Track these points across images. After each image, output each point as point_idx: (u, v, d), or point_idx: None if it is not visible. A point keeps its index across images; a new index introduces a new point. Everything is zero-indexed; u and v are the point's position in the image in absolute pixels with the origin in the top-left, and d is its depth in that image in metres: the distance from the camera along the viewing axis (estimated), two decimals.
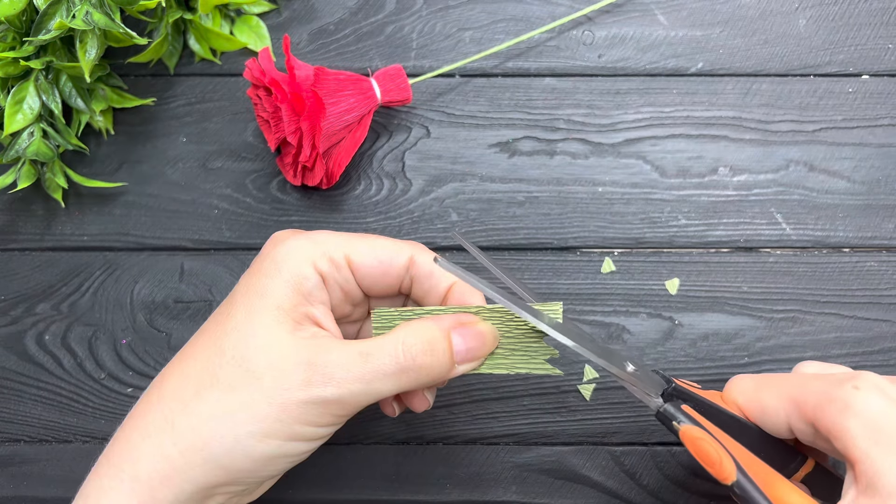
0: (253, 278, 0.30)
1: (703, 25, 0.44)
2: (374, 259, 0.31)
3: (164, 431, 0.29)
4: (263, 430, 0.28)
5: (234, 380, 0.28)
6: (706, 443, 0.29)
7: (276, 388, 0.28)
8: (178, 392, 0.29)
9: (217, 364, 0.29)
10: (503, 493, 0.41)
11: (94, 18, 0.38)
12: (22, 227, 0.44)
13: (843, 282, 0.42)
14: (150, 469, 0.28)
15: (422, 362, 0.29)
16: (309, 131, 0.39)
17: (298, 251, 0.30)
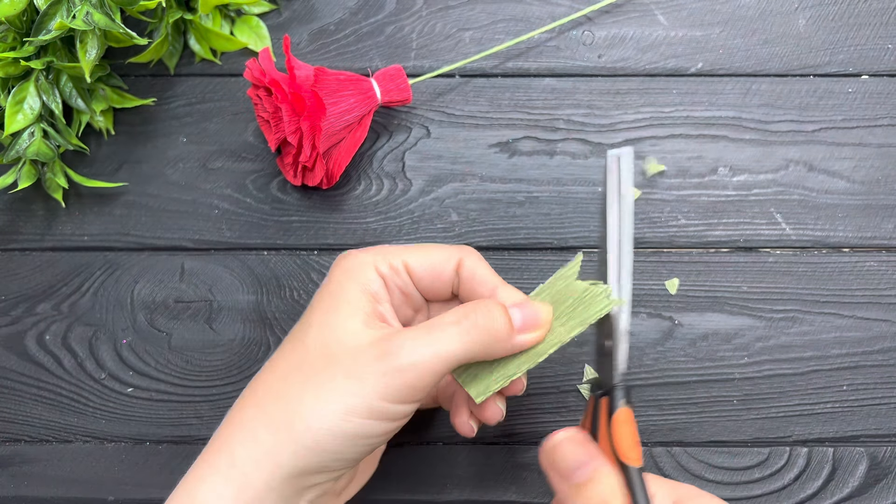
0: (328, 286, 0.33)
1: (702, 25, 0.45)
2: (427, 263, 0.34)
3: (256, 419, 0.31)
4: (346, 407, 0.30)
5: (317, 365, 0.31)
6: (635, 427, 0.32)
7: (354, 365, 0.30)
8: (268, 384, 0.32)
9: (301, 355, 0.31)
10: (503, 493, 0.41)
11: (94, 19, 0.38)
12: (22, 227, 0.44)
13: (842, 282, 0.42)
14: (244, 454, 0.30)
15: (483, 322, 0.31)
16: (309, 131, 0.39)
17: (363, 259, 0.33)
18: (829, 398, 0.42)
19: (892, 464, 0.41)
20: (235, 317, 0.43)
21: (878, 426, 0.41)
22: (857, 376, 0.42)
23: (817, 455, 0.41)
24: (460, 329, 0.31)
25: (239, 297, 0.43)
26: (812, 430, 0.42)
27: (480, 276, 0.34)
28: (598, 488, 0.30)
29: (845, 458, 0.41)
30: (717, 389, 0.42)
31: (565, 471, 0.31)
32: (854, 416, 0.42)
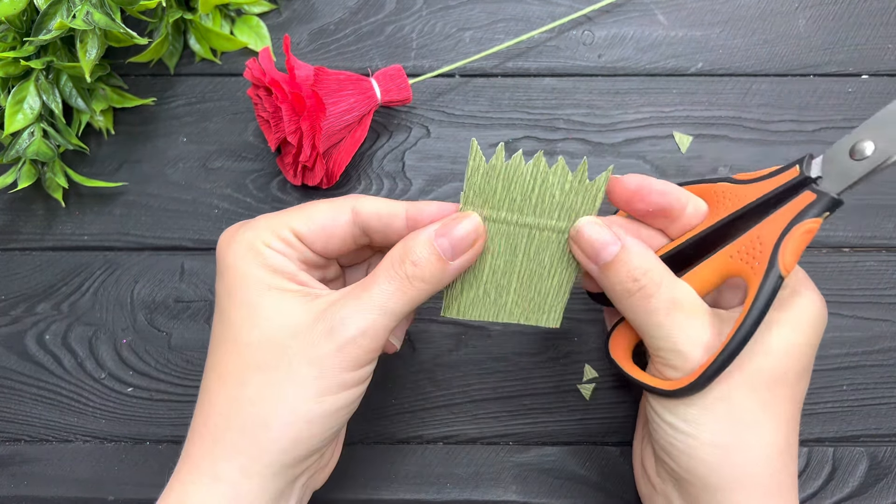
0: (231, 278, 0.31)
1: (702, 25, 0.45)
2: (316, 224, 0.32)
3: (229, 430, 0.30)
4: (314, 391, 0.30)
5: (267, 359, 0.30)
6: None
7: (306, 350, 0.30)
8: (228, 392, 0.31)
9: (247, 353, 0.30)
10: (503, 493, 0.41)
11: (94, 18, 0.38)
12: (22, 227, 0.44)
13: (842, 281, 0.42)
14: (227, 467, 0.30)
15: (413, 271, 0.30)
16: (309, 131, 0.39)
17: (250, 240, 0.32)
18: (829, 398, 0.42)
19: (892, 463, 0.41)
20: None
21: (878, 426, 0.41)
22: (857, 376, 0.42)
23: (817, 455, 0.41)
24: (395, 284, 0.30)
25: None
26: (812, 430, 0.42)
27: (386, 213, 0.32)
28: (623, 267, 0.31)
29: (845, 457, 0.41)
30: None
31: (592, 253, 0.32)
32: (854, 415, 0.42)
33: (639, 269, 0.31)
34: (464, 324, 0.42)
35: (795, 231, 0.30)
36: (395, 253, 0.31)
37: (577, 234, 0.32)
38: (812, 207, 0.30)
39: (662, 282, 0.31)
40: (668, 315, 0.31)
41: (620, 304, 0.32)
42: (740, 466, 0.30)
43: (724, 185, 0.33)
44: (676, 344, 0.31)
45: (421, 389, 0.42)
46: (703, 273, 0.33)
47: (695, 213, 0.33)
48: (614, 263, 0.31)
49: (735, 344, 0.29)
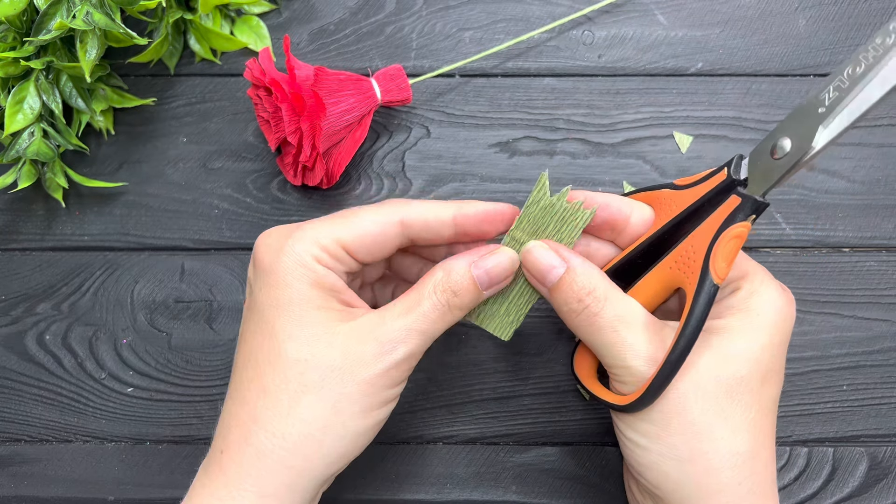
0: (280, 290, 0.32)
1: (702, 25, 0.45)
2: (364, 238, 0.33)
3: (277, 447, 0.30)
4: (362, 407, 0.31)
5: (317, 379, 0.31)
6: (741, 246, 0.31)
7: (357, 371, 0.31)
8: (272, 409, 0.31)
9: (295, 372, 0.31)
10: (503, 493, 0.41)
11: (94, 18, 0.38)
12: (22, 227, 0.44)
13: (842, 281, 0.42)
14: (276, 482, 0.30)
15: (455, 303, 0.32)
16: (309, 131, 0.39)
17: (302, 254, 0.32)
18: (829, 398, 0.42)
19: (892, 464, 0.41)
20: (235, 317, 0.43)
21: (878, 426, 0.41)
22: (857, 376, 0.42)
23: (817, 455, 0.41)
24: (437, 311, 0.32)
25: (239, 297, 0.43)
26: (812, 430, 0.42)
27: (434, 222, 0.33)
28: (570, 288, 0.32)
29: (845, 458, 0.41)
30: None
31: (539, 275, 0.33)
32: (854, 416, 0.42)
33: (583, 290, 0.32)
34: (464, 324, 0.42)
35: (724, 237, 0.30)
36: (438, 281, 0.32)
37: (524, 257, 0.33)
38: (738, 212, 0.30)
39: (607, 300, 0.32)
40: (613, 332, 0.31)
41: (569, 324, 0.33)
42: (703, 478, 0.31)
43: (665, 191, 0.34)
44: (625, 360, 0.31)
45: (421, 389, 0.42)
46: (649, 285, 0.34)
47: (640, 221, 0.34)
48: (560, 285, 0.32)
49: (675, 356, 0.30)
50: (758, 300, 0.32)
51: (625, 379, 0.32)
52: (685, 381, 0.30)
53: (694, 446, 0.30)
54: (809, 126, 0.28)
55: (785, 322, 0.32)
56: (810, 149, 0.28)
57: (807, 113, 0.28)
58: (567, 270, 0.32)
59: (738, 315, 0.32)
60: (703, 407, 0.30)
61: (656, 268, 0.33)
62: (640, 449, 0.32)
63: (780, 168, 0.29)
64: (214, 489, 0.31)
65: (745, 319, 0.31)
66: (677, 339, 0.30)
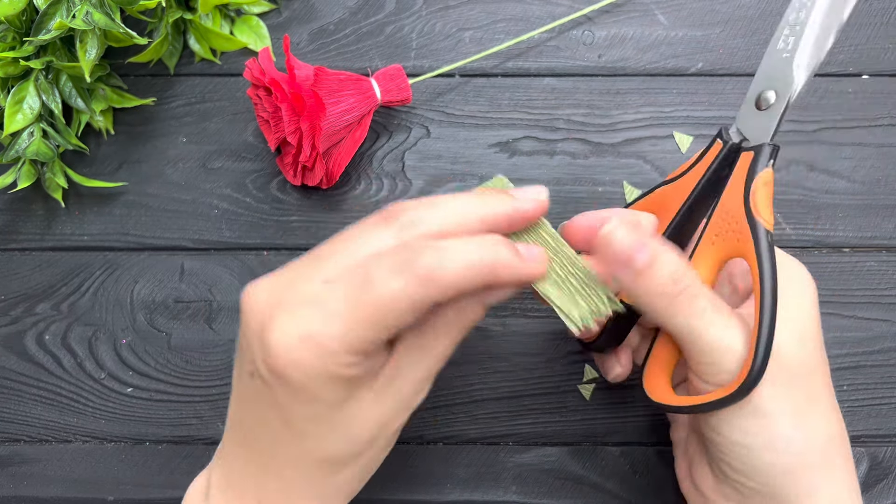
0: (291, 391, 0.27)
1: (703, 25, 0.44)
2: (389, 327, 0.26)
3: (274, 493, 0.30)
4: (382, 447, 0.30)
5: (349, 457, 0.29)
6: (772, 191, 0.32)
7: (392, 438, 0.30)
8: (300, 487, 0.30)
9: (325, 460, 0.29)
10: (503, 493, 0.41)
11: (94, 18, 0.38)
12: (22, 227, 0.44)
13: (842, 282, 0.42)
14: None
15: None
16: (309, 131, 0.39)
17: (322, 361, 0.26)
18: None
19: (892, 464, 0.41)
20: (235, 317, 0.43)
21: (878, 426, 0.41)
22: (857, 376, 0.42)
23: None
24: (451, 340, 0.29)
25: (239, 297, 0.43)
26: None
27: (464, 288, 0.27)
28: (663, 270, 0.29)
29: None
30: None
31: (624, 258, 0.29)
32: (854, 416, 0.41)
33: (679, 270, 0.29)
34: None
35: (755, 187, 0.30)
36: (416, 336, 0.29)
37: (605, 241, 0.30)
38: (757, 162, 0.31)
39: (699, 282, 0.30)
40: (715, 313, 0.29)
41: (660, 310, 0.29)
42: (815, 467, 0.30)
43: (662, 189, 0.34)
44: (730, 342, 0.29)
45: None
46: (702, 264, 0.33)
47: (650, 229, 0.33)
48: (651, 267, 0.29)
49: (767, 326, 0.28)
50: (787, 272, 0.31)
51: (721, 367, 0.29)
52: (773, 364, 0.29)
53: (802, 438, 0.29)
54: (783, 70, 0.30)
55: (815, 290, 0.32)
56: (793, 88, 0.30)
57: (773, 64, 0.31)
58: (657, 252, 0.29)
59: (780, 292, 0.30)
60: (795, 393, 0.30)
61: (698, 250, 0.32)
62: (745, 449, 0.30)
63: (774, 114, 0.31)
64: None
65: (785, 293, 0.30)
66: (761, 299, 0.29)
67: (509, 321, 0.42)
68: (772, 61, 0.31)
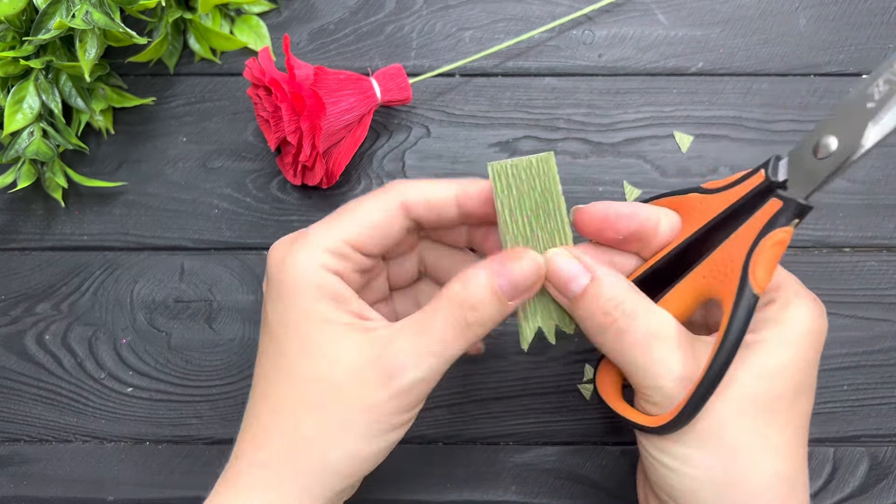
0: (288, 306, 0.30)
1: (703, 25, 0.44)
2: (368, 229, 0.31)
3: (280, 463, 0.30)
4: (365, 433, 0.29)
5: (323, 398, 0.29)
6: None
7: (362, 395, 0.29)
8: (280, 425, 0.30)
9: (301, 389, 0.30)
10: (503, 493, 0.41)
11: (93, 18, 0.38)
12: (22, 227, 0.44)
13: (843, 281, 0.42)
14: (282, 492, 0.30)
15: (474, 319, 0.29)
16: (309, 131, 0.39)
17: (308, 263, 0.30)
18: (829, 398, 0.42)
19: (892, 464, 0.41)
20: (235, 316, 0.43)
21: (878, 426, 0.41)
22: (857, 376, 0.42)
23: (818, 455, 0.41)
24: (453, 330, 0.29)
25: (239, 297, 0.43)
26: (812, 430, 0.41)
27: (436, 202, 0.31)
28: (596, 301, 0.29)
29: (846, 458, 0.41)
30: None
31: (561, 286, 0.30)
32: (855, 416, 0.42)
33: (611, 302, 0.29)
34: None
35: (765, 244, 0.28)
36: (454, 295, 0.29)
37: (548, 265, 0.31)
38: (780, 216, 0.27)
39: (636, 314, 0.29)
40: (645, 349, 0.29)
41: (595, 340, 0.31)
42: (742, 502, 0.29)
43: (693, 195, 0.32)
44: (657, 379, 0.29)
45: None
46: (680, 296, 0.31)
47: (669, 229, 0.32)
48: (585, 297, 0.30)
49: (713, 374, 0.27)
50: (791, 312, 0.30)
51: (655, 400, 0.29)
52: (723, 400, 0.28)
53: (732, 469, 0.29)
54: (858, 123, 0.26)
55: (818, 335, 0.30)
56: (860, 147, 0.26)
57: (853, 109, 0.26)
58: (592, 281, 0.30)
59: (772, 328, 0.30)
60: (741, 427, 0.29)
61: (688, 277, 0.31)
62: (671, 472, 0.30)
63: (826, 168, 0.27)
64: (227, 493, 0.31)
65: (779, 333, 0.29)
66: (715, 356, 0.27)
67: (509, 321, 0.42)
68: (851, 104, 0.26)
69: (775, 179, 0.28)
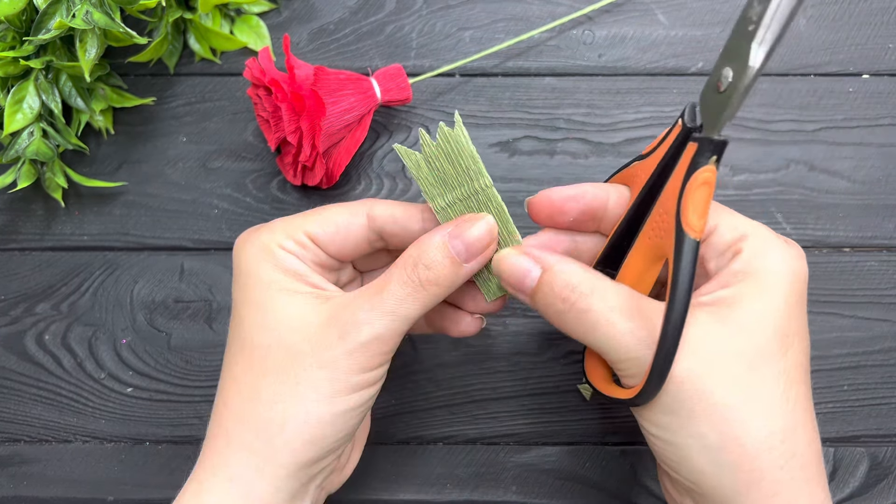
0: (246, 280, 0.32)
1: (703, 25, 0.44)
2: (330, 228, 0.32)
3: (243, 430, 0.30)
4: (326, 393, 0.30)
5: (279, 363, 0.30)
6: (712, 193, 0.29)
7: (318, 353, 0.30)
8: (240, 393, 0.31)
9: (259, 356, 0.31)
10: (503, 493, 0.41)
11: (93, 18, 0.38)
12: (22, 227, 0.44)
13: (843, 282, 0.42)
14: (241, 468, 0.30)
15: (429, 279, 0.30)
16: (309, 131, 0.39)
17: (265, 242, 0.32)
18: (829, 398, 0.42)
19: (892, 464, 0.41)
20: None
21: (878, 426, 0.41)
22: (857, 376, 0.42)
23: None
24: (408, 288, 0.30)
25: None
26: None
27: (402, 216, 0.32)
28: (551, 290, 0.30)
29: (846, 458, 0.41)
30: None
31: (517, 283, 0.31)
32: (855, 416, 0.42)
33: (566, 287, 0.29)
34: None
35: (690, 187, 0.28)
36: (408, 256, 0.31)
37: (497, 269, 0.32)
38: (699, 157, 0.28)
39: (593, 293, 0.29)
40: (608, 324, 0.29)
41: (560, 327, 0.30)
42: (740, 466, 0.27)
43: (635, 164, 0.32)
44: (627, 352, 0.29)
45: (421, 389, 0.42)
46: (634, 264, 0.31)
47: (619, 203, 0.32)
48: (540, 288, 0.30)
49: (671, 330, 0.27)
50: (763, 261, 0.29)
51: (632, 372, 0.29)
52: (698, 360, 0.27)
53: (723, 432, 0.27)
54: (743, 47, 0.26)
55: (797, 278, 0.29)
56: (749, 69, 0.26)
57: (739, 35, 0.26)
58: (544, 272, 0.30)
59: (746, 281, 0.29)
60: (724, 387, 0.27)
61: (636, 243, 0.31)
62: (666, 444, 0.29)
63: (728, 99, 0.27)
64: (197, 475, 0.31)
65: (753, 284, 0.29)
66: (668, 312, 0.27)
67: (509, 321, 0.42)
68: (738, 31, 0.26)
69: (692, 125, 0.29)
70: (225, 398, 0.31)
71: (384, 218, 0.33)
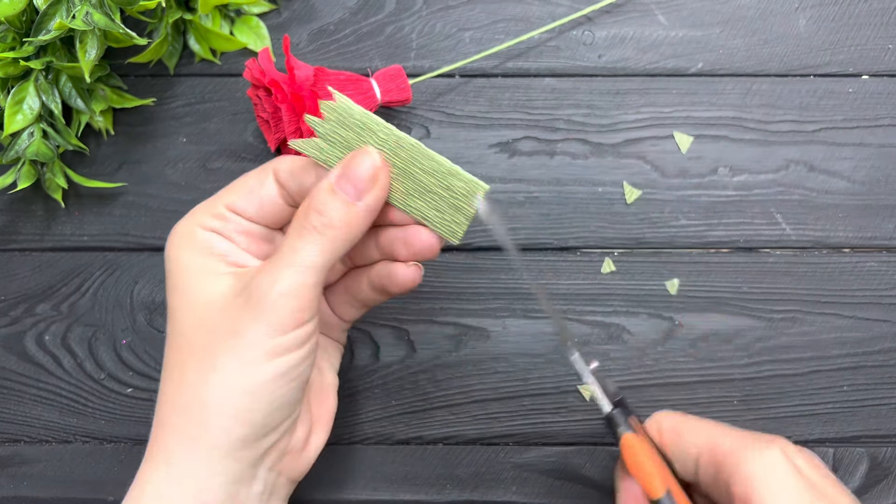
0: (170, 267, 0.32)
1: (703, 25, 0.44)
2: (244, 192, 0.33)
3: (174, 415, 0.30)
4: (243, 363, 0.29)
5: (200, 341, 0.30)
6: (644, 455, 0.32)
7: (230, 325, 0.30)
8: (171, 380, 0.31)
9: (183, 341, 0.31)
10: (503, 493, 0.41)
11: (94, 19, 0.38)
12: (22, 228, 0.44)
13: (843, 282, 0.42)
14: (178, 450, 0.30)
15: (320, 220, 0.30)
16: (309, 132, 0.39)
17: (186, 227, 0.32)
18: (829, 399, 0.42)
19: (892, 464, 0.41)
20: None
21: (878, 427, 0.41)
22: (857, 377, 0.42)
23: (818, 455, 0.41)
24: (305, 237, 0.30)
25: None
26: (812, 431, 0.42)
27: (299, 169, 0.32)
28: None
29: (846, 458, 0.41)
30: (718, 390, 0.42)
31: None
32: (854, 416, 0.42)
33: None
34: (464, 324, 0.42)
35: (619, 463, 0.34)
36: (302, 206, 0.31)
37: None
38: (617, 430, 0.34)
39: None
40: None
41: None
42: None
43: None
44: None
45: (421, 390, 0.42)
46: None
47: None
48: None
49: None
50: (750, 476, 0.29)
51: None
52: None
53: None
54: None
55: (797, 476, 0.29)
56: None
57: None
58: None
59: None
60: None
61: None
62: None
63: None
64: (141, 468, 0.31)
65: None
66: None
67: (509, 321, 0.42)
68: None
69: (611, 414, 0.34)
70: (161, 389, 0.32)
71: (284, 174, 0.33)
